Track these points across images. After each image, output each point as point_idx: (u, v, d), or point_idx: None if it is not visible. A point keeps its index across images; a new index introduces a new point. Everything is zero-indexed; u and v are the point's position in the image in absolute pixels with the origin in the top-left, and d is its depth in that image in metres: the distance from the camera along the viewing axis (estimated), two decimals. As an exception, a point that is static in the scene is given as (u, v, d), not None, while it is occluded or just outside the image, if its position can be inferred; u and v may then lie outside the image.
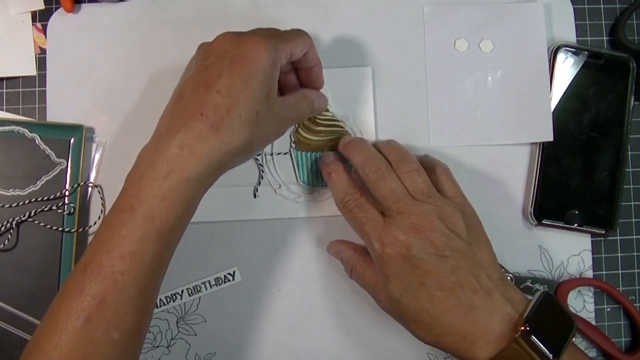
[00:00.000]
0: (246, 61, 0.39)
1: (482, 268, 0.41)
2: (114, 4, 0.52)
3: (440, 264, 0.39)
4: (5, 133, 0.49)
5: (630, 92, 0.51)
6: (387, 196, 0.42)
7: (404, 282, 0.40)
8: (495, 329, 0.38)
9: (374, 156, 0.45)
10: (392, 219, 0.41)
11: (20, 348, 0.47)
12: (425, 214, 0.41)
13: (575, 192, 0.50)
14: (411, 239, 0.40)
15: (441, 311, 0.39)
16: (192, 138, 0.38)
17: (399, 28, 0.52)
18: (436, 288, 0.39)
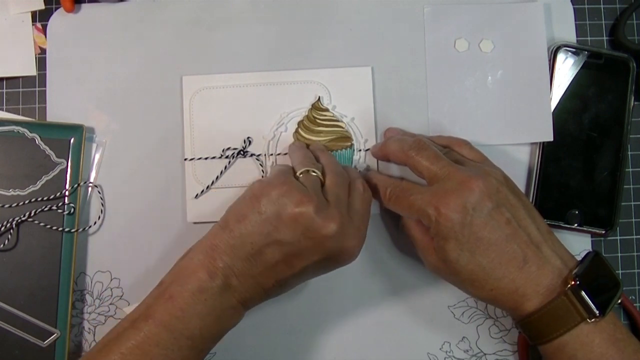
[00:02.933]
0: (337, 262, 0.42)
1: (531, 220, 0.41)
2: (114, 4, 0.52)
3: (495, 217, 0.40)
4: (5, 133, 0.49)
5: (630, 92, 0.51)
6: (431, 164, 0.43)
7: (460, 242, 0.40)
8: (545, 281, 0.39)
9: (410, 137, 0.46)
10: (441, 183, 0.42)
11: (20, 348, 0.47)
12: (470, 172, 0.41)
13: (575, 192, 0.50)
14: (464, 197, 0.40)
15: (496, 265, 0.40)
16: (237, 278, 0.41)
17: (399, 28, 0.52)
18: (492, 242, 0.40)
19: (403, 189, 0.44)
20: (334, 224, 0.39)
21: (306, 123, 0.50)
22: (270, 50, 0.51)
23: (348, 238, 0.41)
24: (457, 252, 0.40)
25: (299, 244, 0.40)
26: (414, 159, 0.44)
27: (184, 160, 0.50)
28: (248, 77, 0.51)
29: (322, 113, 0.50)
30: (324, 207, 0.40)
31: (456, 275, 0.42)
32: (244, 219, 0.40)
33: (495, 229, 0.40)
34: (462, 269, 0.41)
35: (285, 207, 0.39)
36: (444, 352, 0.50)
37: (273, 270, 0.40)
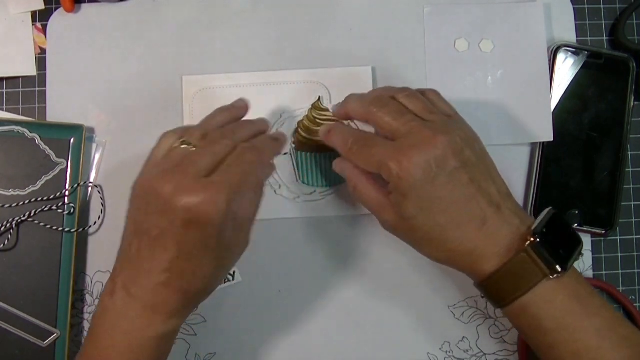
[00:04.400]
0: (199, 222, 0.36)
1: (492, 181, 0.41)
2: (114, 4, 0.52)
3: (456, 176, 0.39)
4: (5, 133, 0.49)
5: (630, 92, 0.51)
6: (393, 120, 0.41)
7: (420, 199, 0.39)
8: (504, 241, 0.39)
9: (371, 94, 0.44)
10: (404, 139, 0.40)
11: (20, 348, 0.47)
12: (435, 128, 0.40)
13: (575, 192, 0.50)
14: (428, 154, 0.39)
15: (454, 225, 0.39)
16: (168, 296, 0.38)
17: (399, 28, 0.52)
18: (452, 201, 0.39)
19: (365, 140, 0.42)
20: (169, 184, 0.36)
21: (306, 123, 0.50)
22: (270, 50, 0.51)
23: (197, 195, 0.36)
24: (416, 210, 0.39)
25: (152, 221, 0.37)
26: (376, 115, 0.42)
27: (184, 160, 0.50)
28: (248, 77, 0.51)
29: (322, 113, 0.50)
30: (167, 173, 0.37)
31: (413, 233, 0.41)
32: (126, 222, 0.39)
33: (457, 188, 0.39)
34: (419, 227, 0.40)
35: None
36: (444, 352, 0.50)
37: (156, 263, 0.37)
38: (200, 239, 0.36)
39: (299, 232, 0.51)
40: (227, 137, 0.41)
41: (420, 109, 0.42)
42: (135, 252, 0.37)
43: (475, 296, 0.50)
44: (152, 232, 0.37)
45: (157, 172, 0.38)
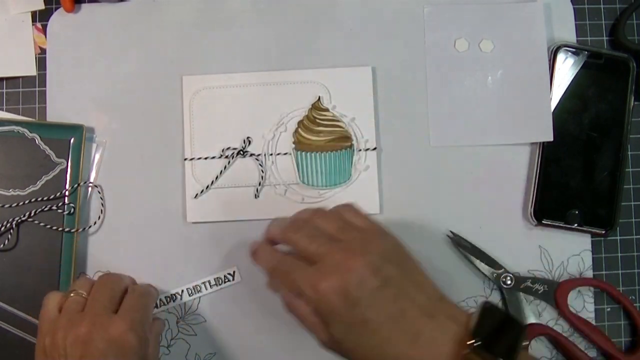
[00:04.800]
0: (121, 348, 0.40)
1: (420, 290, 0.39)
2: (114, 4, 0.52)
3: (379, 296, 0.37)
4: (5, 133, 0.49)
5: (630, 92, 0.51)
6: (308, 243, 0.41)
7: (345, 324, 0.38)
8: (444, 350, 0.37)
9: (290, 218, 0.44)
10: (320, 263, 0.39)
11: (20, 348, 0.47)
12: (349, 249, 0.39)
13: (575, 192, 0.50)
14: (344, 277, 0.37)
15: (388, 345, 0.37)
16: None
17: (399, 28, 0.52)
18: (380, 322, 0.37)
19: (286, 265, 0.41)
20: (84, 326, 0.40)
21: (306, 123, 0.50)
22: (270, 50, 0.51)
23: (109, 327, 0.41)
24: (343, 334, 0.38)
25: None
26: (292, 239, 0.41)
27: (184, 160, 0.50)
28: (248, 77, 0.51)
29: (322, 113, 0.50)
30: (75, 319, 0.42)
31: (348, 354, 0.39)
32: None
33: (382, 307, 0.37)
34: (352, 350, 0.38)
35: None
36: (444, 352, 0.50)
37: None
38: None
39: (299, 232, 0.50)
40: (116, 283, 0.46)
41: (335, 228, 0.41)
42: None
43: (475, 296, 0.50)
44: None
45: (63, 322, 0.41)
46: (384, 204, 0.50)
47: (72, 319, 0.41)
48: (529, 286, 0.49)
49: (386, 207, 0.50)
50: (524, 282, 0.50)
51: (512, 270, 0.50)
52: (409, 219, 0.51)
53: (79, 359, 0.39)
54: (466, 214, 0.51)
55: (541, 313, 0.50)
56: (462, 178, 0.51)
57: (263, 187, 0.50)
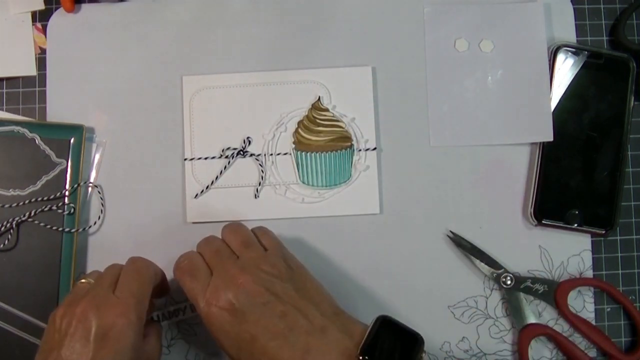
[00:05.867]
0: (104, 334, 0.38)
1: (313, 306, 0.39)
2: (114, 4, 0.52)
3: (267, 311, 0.38)
4: (5, 133, 0.49)
5: (630, 92, 0.51)
6: (211, 256, 0.42)
7: (235, 340, 0.38)
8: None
9: (210, 235, 0.46)
10: (215, 276, 0.40)
11: (20, 348, 0.47)
12: (243, 265, 0.40)
13: (575, 192, 0.50)
14: (232, 291, 0.39)
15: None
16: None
17: (399, 28, 0.52)
18: (268, 338, 0.37)
19: (192, 270, 0.42)
20: (79, 307, 0.39)
21: (306, 123, 0.50)
22: (270, 50, 0.51)
23: (103, 307, 0.39)
24: (234, 351, 0.39)
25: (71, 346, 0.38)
26: (200, 250, 0.43)
27: (184, 160, 0.50)
28: (248, 77, 0.51)
29: (322, 113, 0.50)
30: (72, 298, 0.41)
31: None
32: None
33: (269, 324, 0.38)
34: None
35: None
36: (444, 352, 0.50)
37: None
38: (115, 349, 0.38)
39: (299, 232, 0.51)
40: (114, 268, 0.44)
41: (238, 243, 0.43)
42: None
43: (475, 296, 0.50)
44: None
45: (65, 303, 0.41)
46: (384, 204, 0.50)
47: (73, 300, 0.40)
48: (529, 286, 0.49)
49: (386, 207, 0.50)
50: (524, 282, 0.50)
51: (512, 270, 0.50)
52: (409, 219, 0.51)
53: (70, 336, 0.38)
54: (466, 214, 0.51)
55: (541, 313, 0.50)
56: (462, 178, 0.51)
57: (263, 187, 0.50)
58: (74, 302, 0.40)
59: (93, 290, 0.41)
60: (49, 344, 0.39)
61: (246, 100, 0.50)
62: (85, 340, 0.37)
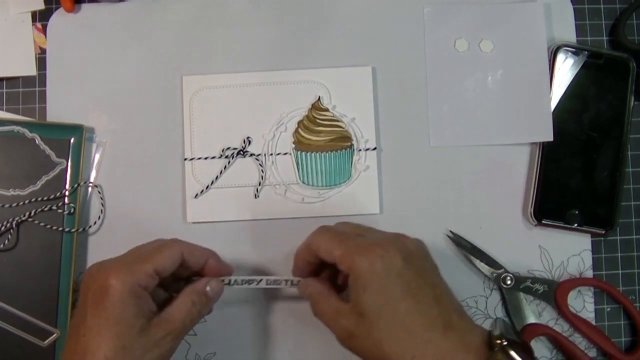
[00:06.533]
0: (101, 295, 0.38)
1: (450, 291, 0.40)
2: (114, 4, 0.52)
3: (422, 278, 0.39)
4: (5, 133, 0.49)
5: (630, 92, 0.51)
6: (349, 230, 0.43)
7: (384, 295, 0.38)
8: (472, 347, 0.37)
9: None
10: (369, 245, 0.40)
11: (20, 348, 0.47)
12: (397, 235, 0.41)
13: (575, 192, 0.50)
14: (394, 249, 0.39)
15: (419, 327, 0.37)
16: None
17: (399, 28, 0.52)
18: (416, 302, 0.38)
19: (344, 235, 0.42)
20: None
21: (306, 123, 0.50)
22: (270, 50, 0.51)
23: (108, 270, 0.40)
24: (379, 306, 0.38)
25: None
26: (315, 240, 0.43)
27: (184, 160, 0.50)
28: (248, 77, 0.51)
29: (322, 113, 0.50)
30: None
31: (372, 334, 0.38)
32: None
33: (422, 289, 0.38)
34: (383, 326, 0.38)
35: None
36: (444, 352, 0.50)
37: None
38: (100, 315, 0.38)
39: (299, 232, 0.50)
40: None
41: (359, 229, 0.44)
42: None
43: (475, 296, 0.50)
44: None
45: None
46: (384, 204, 0.50)
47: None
48: (529, 286, 0.49)
49: (386, 207, 0.50)
50: (524, 282, 0.50)
51: (512, 270, 0.50)
52: (409, 219, 0.51)
53: (81, 300, 0.40)
54: (466, 214, 0.51)
55: (541, 313, 0.50)
56: (462, 178, 0.51)
57: (263, 187, 0.50)
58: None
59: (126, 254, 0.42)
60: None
61: (246, 100, 0.50)
62: (84, 303, 0.39)
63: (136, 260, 0.40)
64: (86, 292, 0.39)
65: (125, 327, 0.38)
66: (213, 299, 0.44)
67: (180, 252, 0.42)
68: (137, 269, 0.40)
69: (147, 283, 0.40)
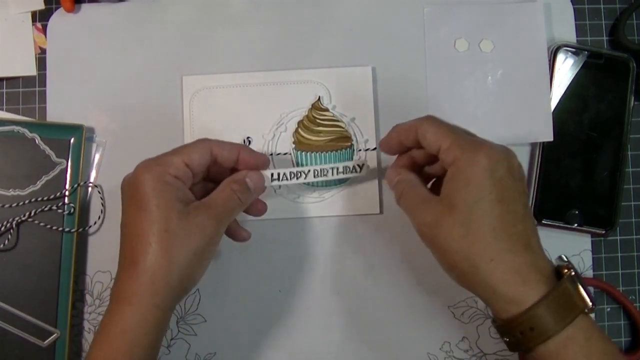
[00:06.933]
0: (136, 190, 0.40)
1: (533, 218, 0.41)
2: (114, 4, 0.52)
3: (517, 192, 0.39)
4: (5, 133, 0.49)
5: (630, 92, 0.51)
6: (457, 127, 0.41)
7: (481, 194, 0.37)
8: (545, 270, 0.37)
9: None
10: (479, 142, 0.40)
11: (20, 348, 0.47)
12: (507, 148, 0.40)
13: (575, 192, 0.50)
14: (503, 159, 0.38)
15: (505, 235, 0.37)
16: (125, 284, 0.39)
17: (399, 28, 0.52)
18: (509, 209, 0.38)
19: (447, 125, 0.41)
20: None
21: (306, 123, 0.50)
22: (270, 50, 0.51)
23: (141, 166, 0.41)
24: (474, 200, 0.37)
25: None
26: (424, 125, 0.41)
27: (184, 160, 0.50)
28: (248, 77, 0.51)
29: (322, 113, 0.50)
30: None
31: (462, 227, 0.38)
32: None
33: (515, 202, 0.38)
34: (472, 221, 0.37)
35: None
36: (444, 352, 0.50)
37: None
38: (136, 205, 0.40)
39: (299, 232, 0.51)
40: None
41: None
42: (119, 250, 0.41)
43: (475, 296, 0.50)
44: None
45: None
46: (384, 204, 0.50)
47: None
48: (529, 286, 0.49)
49: (386, 207, 0.50)
50: (524, 282, 0.49)
51: (512, 270, 0.50)
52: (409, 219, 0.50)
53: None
54: (466, 214, 0.50)
55: (541, 313, 0.50)
56: (462, 178, 0.51)
57: (263, 187, 0.50)
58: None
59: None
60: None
61: (246, 100, 0.50)
62: (124, 205, 0.41)
63: (163, 155, 0.42)
64: (124, 196, 0.41)
65: (163, 212, 0.39)
66: (254, 191, 0.44)
67: (209, 146, 0.43)
68: (164, 160, 0.41)
69: (177, 173, 0.41)
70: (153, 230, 0.39)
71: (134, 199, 0.40)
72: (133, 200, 0.40)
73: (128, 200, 0.40)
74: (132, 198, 0.40)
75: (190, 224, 0.40)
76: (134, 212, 0.40)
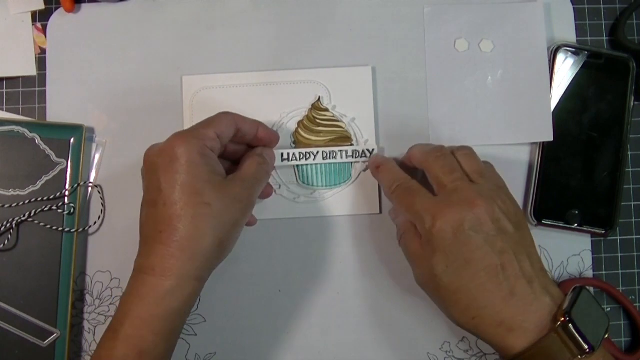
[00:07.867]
0: (171, 162, 0.40)
1: (526, 255, 0.40)
2: (114, 4, 0.52)
3: (488, 243, 0.39)
4: (5, 133, 0.49)
5: (630, 92, 0.51)
6: (443, 173, 0.42)
7: (449, 258, 0.39)
8: (534, 318, 0.38)
9: (433, 146, 0.46)
10: (446, 195, 0.41)
11: (20, 348, 0.47)
12: (480, 192, 0.41)
13: (575, 192, 0.50)
14: (464, 214, 0.39)
15: (482, 292, 0.39)
16: (160, 257, 0.39)
17: (399, 28, 0.52)
18: (481, 268, 0.39)
19: (410, 188, 0.44)
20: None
21: (306, 123, 0.50)
22: (270, 50, 0.51)
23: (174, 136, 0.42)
24: (443, 267, 0.40)
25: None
26: (431, 164, 0.43)
27: (184, 160, 0.50)
28: (248, 77, 0.51)
29: (322, 113, 0.50)
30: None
31: (440, 291, 0.41)
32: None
33: (488, 255, 0.39)
34: (446, 287, 0.40)
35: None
36: (444, 352, 0.50)
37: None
38: (174, 179, 0.40)
39: (299, 232, 0.51)
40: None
41: (474, 170, 0.43)
42: (142, 228, 0.43)
43: (475, 296, 0.50)
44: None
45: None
46: (384, 204, 0.50)
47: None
48: (529, 286, 0.49)
49: (386, 207, 0.50)
50: (524, 282, 0.49)
51: (512, 270, 0.50)
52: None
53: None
54: (466, 214, 0.51)
55: (541, 313, 0.50)
56: (462, 178, 0.51)
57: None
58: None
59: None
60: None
61: (246, 100, 0.50)
62: (154, 178, 0.41)
63: (196, 127, 0.42)
64: (154, 168, 0.40)
65: (203, 185, 0.39)
66: (270, 164, 0.47)
67: (234, 119, 0.44)
68: (199, 133, 0.41)
69: (212, 145, 0.42)
70: (194, 201, 0.39)
71: (171, 172, 0.39)
72: (169, 174, 0.39)
73: (162, 174, 0.40)
74: (168, 172, 0.39)
75: (228, 196, 0.41)
76: (170, 187, 0.39)
